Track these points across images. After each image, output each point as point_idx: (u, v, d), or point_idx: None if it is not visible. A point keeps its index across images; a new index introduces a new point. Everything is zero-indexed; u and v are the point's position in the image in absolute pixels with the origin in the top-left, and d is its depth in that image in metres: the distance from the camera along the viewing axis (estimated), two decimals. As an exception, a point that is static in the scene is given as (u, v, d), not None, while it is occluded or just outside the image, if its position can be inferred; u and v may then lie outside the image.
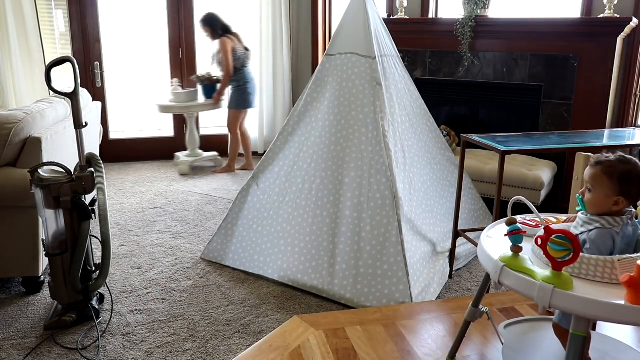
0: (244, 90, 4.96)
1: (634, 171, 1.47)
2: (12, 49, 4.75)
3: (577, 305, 1.29)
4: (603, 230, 1.46)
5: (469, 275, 3.01)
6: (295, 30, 5.81)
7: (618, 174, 1.46)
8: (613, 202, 1.46)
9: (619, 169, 1.46)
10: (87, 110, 3.65)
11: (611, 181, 1.46)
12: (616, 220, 1.46)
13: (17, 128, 2.61)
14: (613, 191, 1.46)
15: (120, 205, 4.16)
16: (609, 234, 1.45)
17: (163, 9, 5.36)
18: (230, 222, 3.12)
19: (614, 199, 1.46)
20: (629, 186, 1.45)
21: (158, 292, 2.79)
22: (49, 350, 2.26)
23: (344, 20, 3.00)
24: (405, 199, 2.76)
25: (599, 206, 1.49)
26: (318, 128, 2.98)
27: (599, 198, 1.48)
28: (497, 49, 4.18)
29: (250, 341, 2.32)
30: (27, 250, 2.67)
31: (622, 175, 1.45)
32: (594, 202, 1.50)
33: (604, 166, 1.49)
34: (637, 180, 1.46)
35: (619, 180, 1.45)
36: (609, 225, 1.46)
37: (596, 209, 1.50)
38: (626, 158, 1.49)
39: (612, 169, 1.47)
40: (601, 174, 1.48)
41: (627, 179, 1.45)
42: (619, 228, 1.46)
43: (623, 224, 1.46)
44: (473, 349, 2.05)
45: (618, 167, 1.47)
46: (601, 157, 1.53)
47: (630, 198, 1.47)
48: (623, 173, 1.46)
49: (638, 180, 1.47)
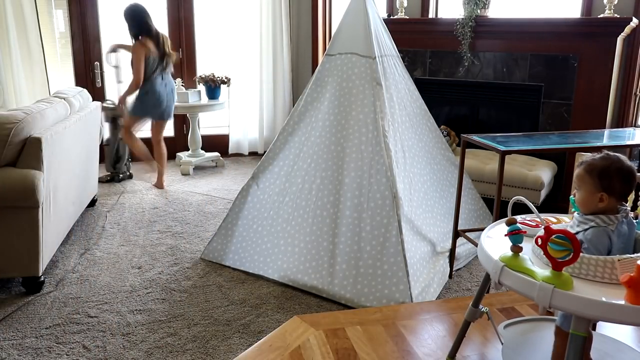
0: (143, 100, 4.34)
1: (613, 166, 1.49)
2: (12, 48, 4.75)
3: (577, 305, 1.29)
4: (598, 229, 1.48)
5: (469, 275, 3.01)
6: (295, 30, 5.81)
7: (598, 170, 1.50)
8: (598, 198, 1.49)
9: (598, 166, 1.50)
10: (87, 110, 3.65)
11: (592, 178, 1.50)
12: (610, 219, 1.48)
13: (17, 128, 2.61)
14: (596, 188, 1.50)
15: (120, 205, 4.16)
16: (605, 232, 1.47)
17: (163, 9, 5.36)
18: (230, 222, 3.12)
19: (597, 195, 1.49)
20: (609, 181, 1.48)
21: (158, 292, 2.79)
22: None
23: (344, 20, 3.00)
24: (405, 199, 2.76)
25: (586, 204, 1.53)
26: (318, 128, 2.98)
27: (585, 196, 1.52)
28: (497, 49, 4.18)
29: (250, 341, 2.32)
30: (27, 250, 2.67)
31: (602, 171, 1.49)
32: (581, 201, 1.53)
33: (586, 164, 1.54)
34: (618, 174, 1.49)
35: (598, 176, 1.49)
36: (603, 224, 1.48)
37: (585, 208, 1.53)
38: (608, 155, 1.53)
39: (592, 166, 1.52)
40: (583, 173, 1.53)
41: (606, 174, 1.49)
42: (614, 226, 1.47)
43: (618, 222, 1.48)
44: (473, 349, 2.05)
45: (597, 164, 1.51)
46: (586, 157, 1.58)
47: (613, 193, 1.49)
48: (602, 169, 1.50)
49: (619, 174, 1.49)
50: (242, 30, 5.54)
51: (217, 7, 5.62)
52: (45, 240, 2.76)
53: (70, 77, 5.23)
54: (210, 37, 5.66)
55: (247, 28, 5.54)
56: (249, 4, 5.50)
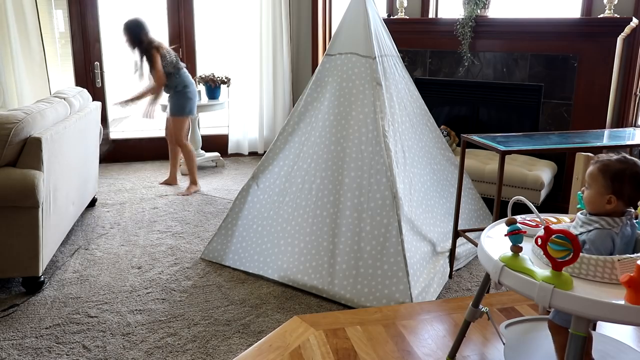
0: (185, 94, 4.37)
1: (629, 171, 1.47)
2: (12, 49, 4.75)
3: (577, 305, 1.29)
4: (602, 231, 1.46)
5: (469, 275, 3.01)
6: (295, 30, 5.81)
7: (612, 172, 1.47)
8: (606, 200, 1.48)
9: (613, 168, 1.48)
10: (87, 110, 3.65)
11: (604, 179, 1.48)
12: (615, 221, 1.46)
13: (17, 128, 2.61)
14: (606, 189, 1.47)
15: (120, 205, 4.16)
16: (609, 234, 1.45)
17: (163, 9, 5.36)
18: (230, 222, 3.12)
19: (606, 197, 1.47)
20: (621, 185, 1.46)
21: (158, 292, 2.79)
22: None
23: (344, 20, 3.00)
24: (405, 199, 2.76)
25: (593, 204, 1.51)
26: (318, 128, 2.98)
27: (594, 196, 1.50)
28: (497, 49, 4.18)
29: (250, 341, 2.32)
30: (27, 250, 2.67)
31: (616, 174, 1.47)
32: (589, 199, 1.52)
33: (601, 164, 1.51)
34: (631, 180, 1.46)
35: (611, 178, 1.47)
36: (608, 226, 1.46)
37: (591, 207, 1.52)
38: (625, 158, 1.49)
39: (607, 167, 1.49)
40: (597, 172, 1.50)
41: (619, 177, 1.46)
42: (618, 229, 1.46)
43: (622, 225, 1.47)
44: (473, 349, 2.05)
45: (613, 166, 1.48)
46: (603, 156, 1.54)
47: (622, 197, 1.47)
48: (617, 172, 1.47)
49: (632, 180, 1.46)
50: (242, 31, 5.54)
51: (217, 7, 5.62)
52: (45, 240, 2.76)
53: (70, 77, 5.24)
54: (210, 37, 5.66)
55: (247, 28, 5.54)
56: (248, 5, 5.50)
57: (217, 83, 5.10)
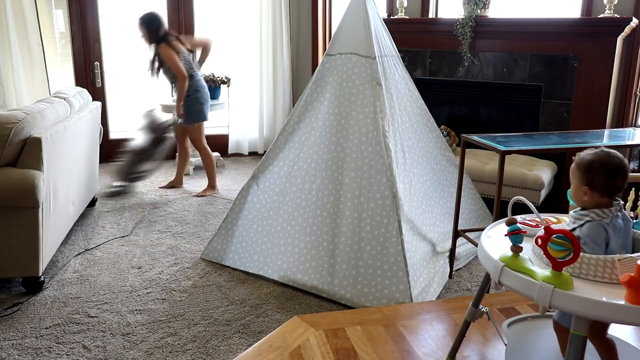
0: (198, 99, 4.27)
1: (598, 161, 1.52)
2: (12, 48, 4.75)
3: (577, 305, 1.29)
4: (594, 223, 1.49)
5: (469, 275, 3.01)
6: (295, 30, 5.81)
7: (584, 165, 1.54)
8: (583, 192, 1.53)
9: (585, 160, 1.55)
10: (87, 110, 3.65)
11: (579, 172, 1.55)
12: (605, 212, 1.50)
13: (17, 128, 2.60)
14: (581, 181, 1.54)
15: (121, 205, 4.16)
16: (600, 225, 1.48)
17: (163, 9, 5.36)
18: (230, 222, 3.12)
19: (582, 189, 1.53)
20: (592, 176, 1.51)
21: (158, 292, 2.79)
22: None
23: (344, 20, 3.00)
24: (405, 199, 2.76)
25: (575, 198, 1.58)
26: (318, 128, 2.98)
27: (573, 190, 1.58)
28: (497, 49, 4.18)
29: (250, 341, 2.32)
30: (27, 250, 2.67)
31: (586, 166, 1.53)
32: (572, 194, 1.59)
33: (577, 159, 1.59)
34: (601, 170, 1.51)
35: (584, 170, 1.53)
36: (598, 217, 1.50)
37: (575, 201, 1.58)
38: (600, 151, 1.55)
39: (580, 161, 1.56)
40: (574, 167, 1.58)
41: (589, 169, 1.52)
42: (608, 219, 1.49)
43: (612, 215, 1.50)
44: (473, 349, 2.05)
45: (585, 159, 1.55)
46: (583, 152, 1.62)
47: (596, 188, 1.51)
48: (587, 164, 1.54)
49: (601, 170, 1.51)
50: (242, 30, 5.54)
51: (217, 7, 5.62)
52: (45, 240, 2.76)
53: (70, 77, 5.24)
54: (210, 37, 5.64)
55: (247, 28, 5.54)
56: (249, 4, 5.50)
57: (217, 83, 5.09)
